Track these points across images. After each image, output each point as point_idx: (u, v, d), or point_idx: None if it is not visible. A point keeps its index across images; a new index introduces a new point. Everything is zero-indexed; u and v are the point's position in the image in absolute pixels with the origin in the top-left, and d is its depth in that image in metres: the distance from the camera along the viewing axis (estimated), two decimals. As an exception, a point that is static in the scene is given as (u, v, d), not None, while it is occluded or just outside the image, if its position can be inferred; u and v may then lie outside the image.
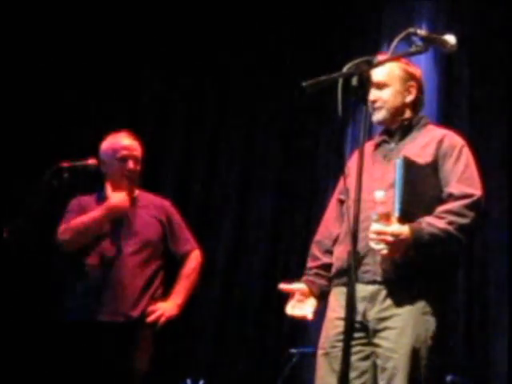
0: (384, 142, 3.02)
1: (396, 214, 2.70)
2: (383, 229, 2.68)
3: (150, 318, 3.56)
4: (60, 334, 3.64)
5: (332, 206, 3.14)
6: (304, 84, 2.44)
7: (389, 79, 2.96)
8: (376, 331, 2.78)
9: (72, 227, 3.59)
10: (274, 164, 5.36)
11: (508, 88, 4.54)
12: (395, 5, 5.07)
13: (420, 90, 3.05)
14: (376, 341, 2.79)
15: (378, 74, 2.95)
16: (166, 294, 3.70)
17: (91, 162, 3.65)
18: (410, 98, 3.01)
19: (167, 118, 5.52)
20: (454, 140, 2.94)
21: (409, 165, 2.76)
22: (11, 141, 5.07)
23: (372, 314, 2.79)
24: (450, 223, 2.74)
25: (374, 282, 2.80)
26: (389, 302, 2.77)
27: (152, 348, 3.64)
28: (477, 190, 2.82)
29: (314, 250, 3.10)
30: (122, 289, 3.55)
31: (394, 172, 2.78)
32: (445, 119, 4.58)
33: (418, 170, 2.81)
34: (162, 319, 3.57)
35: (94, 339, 3.52)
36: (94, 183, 3.88)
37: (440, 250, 2.77)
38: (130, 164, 3.66)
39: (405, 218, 2.71)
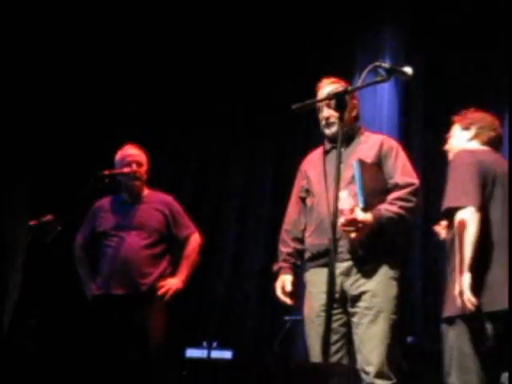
0: (334, 148, 3.38)
1: (361, 205, 3.17)
2: (354, 218, 3.16)
3: (160, 291, 4.22)
4: (87, 309, 4.30)
5: (294, 202, 3.56)
6: (293, 106, 2.78)
7: None
8: (354, 297, 3.24)
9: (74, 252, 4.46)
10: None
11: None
12: (365, 41, 5.62)
13: (359, 105, 3.50)
14: (355, 304, 3.23)
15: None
16: (174, 273, 4.35)
17: (127, 170, 4.38)
18: (354, 113, 3.46)
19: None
20: (391, 143, 3.44)
21: (362, 165, 3.21)
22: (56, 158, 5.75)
23: (349, 284, 3.26)
24: (401, 207, 3.25)
25: (347, 260, 3.26)
26: (361, 272, 3.25)
27: (166, 316, 4.25)
28: (416, 180, 3.33)
29: (284, 236, 3.54)
30: (132, 266, 4.21)
31: (350, 172, 3.23)
32: (404, 132, 5.21)
33: (369, 168, 3.26)
34: (170, 292, 4.23)
35: (110, 310, 4.18)
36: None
37: (394, 229, 3.28)
38: (134, 166, 4.38)
39: (367, 207, 3.21)
